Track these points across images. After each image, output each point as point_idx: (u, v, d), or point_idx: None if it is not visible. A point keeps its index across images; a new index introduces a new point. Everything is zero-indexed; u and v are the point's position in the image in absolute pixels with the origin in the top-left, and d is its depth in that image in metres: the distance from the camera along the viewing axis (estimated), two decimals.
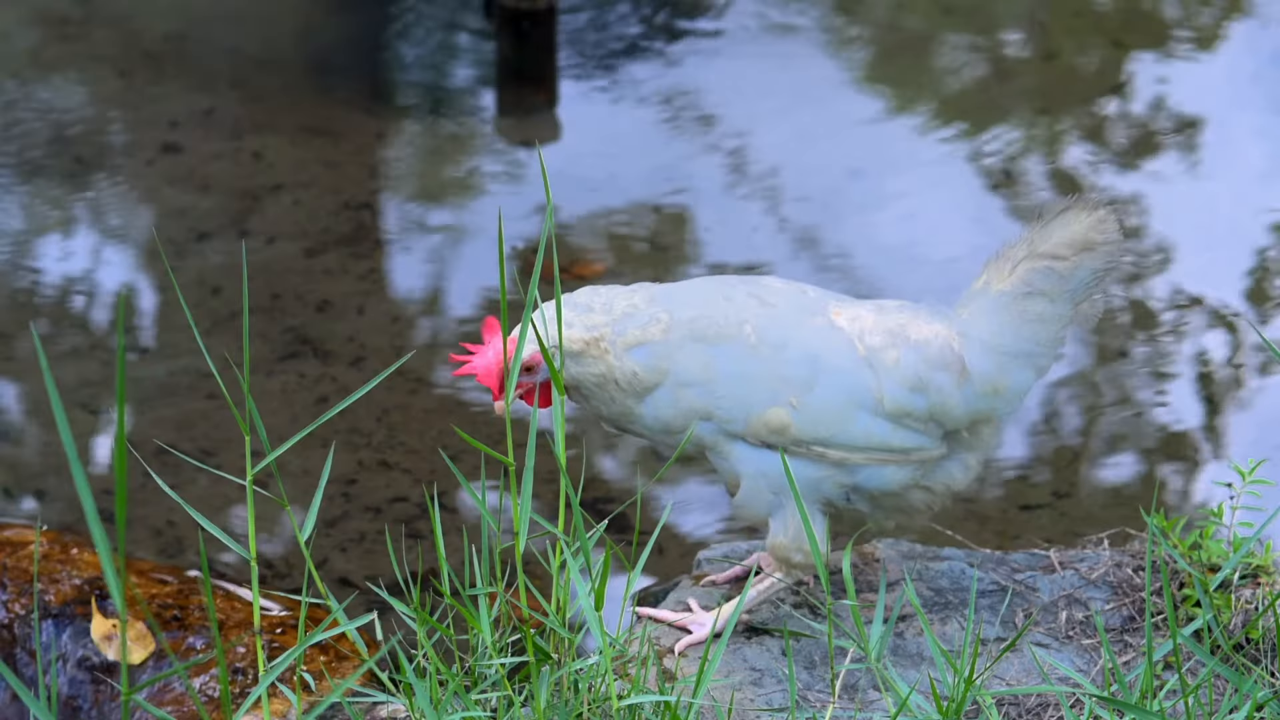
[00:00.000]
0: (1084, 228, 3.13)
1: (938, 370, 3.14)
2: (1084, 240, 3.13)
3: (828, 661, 3.25)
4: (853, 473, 3.16)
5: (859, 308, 3.19)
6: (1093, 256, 3.14)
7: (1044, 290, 3.14)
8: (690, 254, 5.36)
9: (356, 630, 3.02)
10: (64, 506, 4.41)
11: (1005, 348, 3.16)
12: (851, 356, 3.14)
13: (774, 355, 3.12)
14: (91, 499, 2.14)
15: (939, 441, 3.17)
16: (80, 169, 5.65)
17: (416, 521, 4.36)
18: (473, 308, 5.14)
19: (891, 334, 3.15)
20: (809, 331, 3.14)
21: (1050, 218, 3.16)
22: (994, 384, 3.15)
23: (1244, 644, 3.28)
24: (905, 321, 3.17)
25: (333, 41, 6.35)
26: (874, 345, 3.14)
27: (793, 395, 3.12)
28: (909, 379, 3.13)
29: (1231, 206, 5.56)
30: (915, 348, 3.14)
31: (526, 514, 2.87)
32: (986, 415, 3.18)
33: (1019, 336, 3.16)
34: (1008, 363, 3.16)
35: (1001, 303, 3.16)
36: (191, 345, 4.88)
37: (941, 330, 3.16)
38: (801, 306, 3.17)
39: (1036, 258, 3.14)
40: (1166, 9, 6.55)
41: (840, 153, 5.84)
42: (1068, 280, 3.14)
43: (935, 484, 3.20)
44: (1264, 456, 3.41)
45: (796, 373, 3.12)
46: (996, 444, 3.25)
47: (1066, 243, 3.13)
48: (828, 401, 3.13)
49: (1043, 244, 3.14)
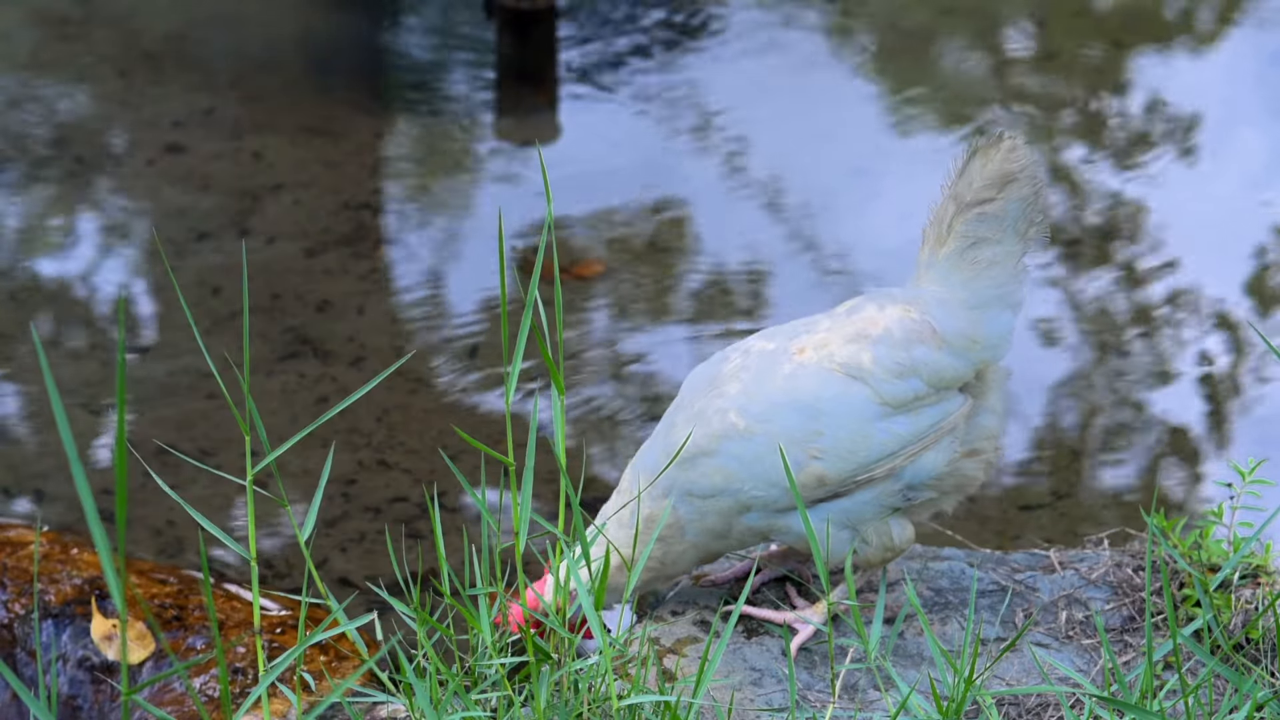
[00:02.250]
0: (998, 163, 3.15)
1: (914, 346, 3.15)
2: (1003, 174, 3.15)
3: (828, 661, 3.25)
4: (899, 477, 3.17)
5: (816, 332, 3.20)
6: (1017, 186, 3.16)
7: (985, 236, 3.16)
8: (689, 254, 5.37)
9: (356, 630, 3.02)
10: (64, 506, 4.41)
11: (970, 301, 3.17)
12: (835, 383, 3.15)
13: (768, 427, 3.14)
14: (91, 499, 2.14)
15: (959, 398, 3.18)
16: (80, 169, 5.65)
17: (416, 521, 4.36)
18: (473, 307, 5.14)
19: (855, 340, 3.16)
20: (785, 386, 3.15)
21: (963, 165, 3.17)
22: (969, 337, 3.17)
23: (1244, 644, 3.28)
24: (860, 322, 3.17)
25: (333, 41, 6.35)
26: (847, 360, 3.15)
27: (809, 449, 3.13)
28: (893, 369, 3.14)
29: (1231, 206, 5.56)
30: (881, 340, 3.15)
31: (526, 514, 2.87)
32: (982, 364, 3.20)
33: (980, 286, 3.18)
34: (978, 314, 3.18)
35: (951, 262, 3.18)
36: (191, 345, 4.89)
37: (896, 311, 3.17)
38: (766, 364, 3.18)
39: (966, 208, 3.16)
40: (1166, 9, 6.55)
41: (840, 152, 5.85)
42: (1003, 219, 3.16)
43: (978, 443, 3.21)
44: (1264, 456, 3.41)
45: (798, 429, 3.14)
46: (1003, 377, 3.25)
47: (987, 183, 3.15)
48: (843, 435, 3.14)
49: (966, 193, 3.15)
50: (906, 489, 3.19)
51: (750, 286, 5.24)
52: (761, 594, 3.41)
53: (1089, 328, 5.07)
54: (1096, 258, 5.31)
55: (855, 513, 3.17)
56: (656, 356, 4.98)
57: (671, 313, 5.15)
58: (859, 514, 3.17)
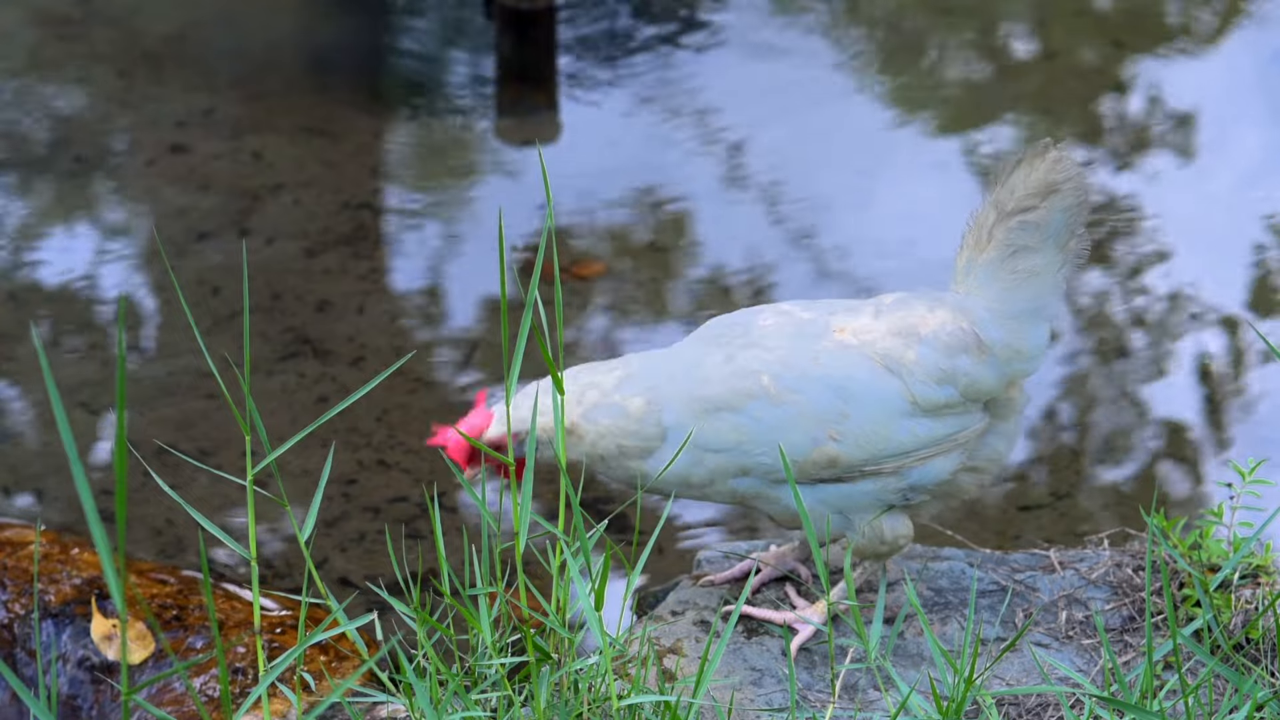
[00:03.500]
0: (1043, 173, 3.15)
1: (958, 355, 3.15)
2: (1046, 184, 3.15)
3: (828, 661, 3.25)
4: (905, 476, 3.17)
5: (860, 316, 3.19)
6: (1060, 197, 3.15)
7: (1026, 245, 3.16)
8: (690, 254, 5.37)
9: (356, 630, 3.02)
10: (64, 506, 4.41)
11: (1011, 311, 3.18)
12: (872, 371, 3.14)
13: (797, 399, 3.13)
14: (91, 499, 2.14)
15: (980, 414, 3.19)
16: (80, 169, 5.65)
17: (416, 521, 4.36)
18: (473, 307, 5.14)
19: (902, 335, 3.15)
20: (822, 362, 3.14)
21: (1008, 174, 3.17)
22: (1013, 348, 3.17)
23: (1244, 644, 3.28)
24: (910, 318, 3.17)
25: (333, 41, 6.35)
26: (888, 352, 3.14)
27: (831, 429, 3.13)
28: (933, 373, 3.14)
29: (1231, 206, 5.56)
30: (928, 341, 3.14)
31: (526, 514, 2.87)
32: (1015, 378, 3.20)
33: (1020, 296, 3.18)
34: (1019, 325, 3.18)
35: (991, 270, 3.17)
36: (191, 345, 4.89)
37: (946, 316, 3.16)
38: (802, 337, 3.16)
39: (1008, 216, 3.15)
40: (1166, 9, 6.55)
41: (840, 152, 5.84)
42: (1044, 228, 3.16)
43: (981, 462, 3.22)
44: (1264, 456, 3.41)
45: (826, 408, 3.13)
46: (1023, 404, 3.25)
47: (1031, 192, 3.15)
48: (866, 423, 3.14)
49: (1009, 201, 3.15)
50: (908, 489, 3.19)
51: (750, 286, 5.24)
52: (761, 594, 3.41)
53: (1089, 328, 5.07)
54: (1096, 257, 5.31)
55: (853, 501, 3.17)
56: None
57: (671, 313, 5.15)
58: (855, 503, 3.18)
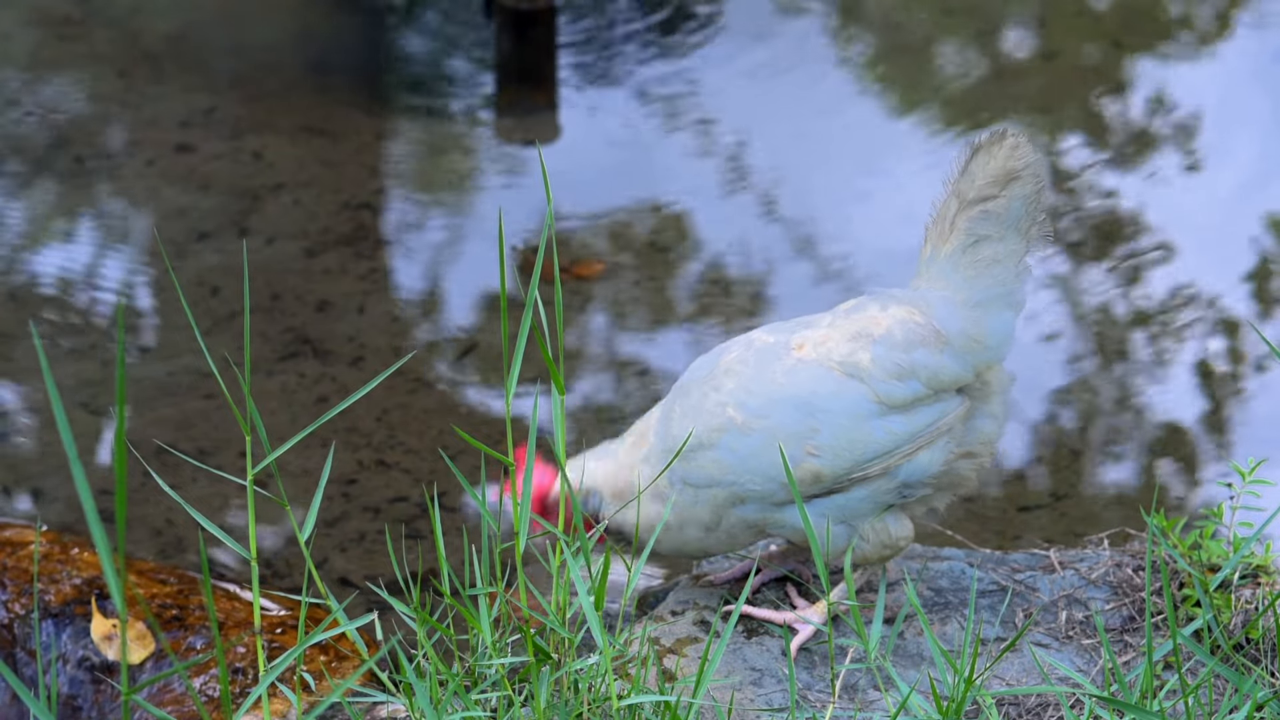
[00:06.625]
0: (1001, 160, 3.15)
1: (915, 349, 3.15)
2: (1006, 171, 3.15)
3: (828, 661, 3.25)
4: (894, 475, 3.17)
5: (816, 329, 3.20)
6: (1020, 184, 3.16)
7: (988, 234, 3.16)
8: (690, 254, 5.37)
9: (356, 630, 3.02)
10: (64, 506, 4.41)
11: (974, 300, 3.18)
12: (833, 380, 3.15)
13: (765, 423, 3.15)
14: (91, 499, 2.14)
15: (956, 400, 3.19)
16: (80, 169, 5.65)
17: (416, 521, 4.36)
18: (473, 307, 5.14)
19: (856, 338, 3.16)
20: (782, 382, 3.16)
21: (965, 162, 3.17)
22: (972, 337, 3.17)
23: (1244, 644, 3.27)
24: (863, 320, 3.18)
25: (333, 41, 6.35)
26: (845, 358, 3.15)
27: (806, 445, 3.14)
28: (892, 371, 3.14)
29: (1231, 206, 5.56)
30: (882, 340, 3.15)
31: (526, 514, 2.87)
32: (981, 367, 3.20)
33: (982, 284, 3.18)
34: (981, 313, 3.18)
35: (953, 261, 3.18)
36: (191, 345, 4.89)
37: (900, 312, 3.17)
38: (764, 362, 3.18)
39: (969, 205, 3.16)
40: (1166, 9, 6.55)
41: (840, 153, 5.84)
42: (1005, 216, 3.16)
43: (974, 446, 3.22)
44: (1264, 456, 3.41)
45: (796, 427, 3.15)
46: (1006, 384, 3.25)
47: (990, 180, 3.15)
48: (839, 433, 3.15)
49: (969, 190, 3.15)
50: (902, 486, 3.19)
51: (750, 286, 5.24)
52: (761, 594, 3.41)
53: (1089, 328, 5.07)
54: (1096, 257, 5.31)
55: (851, 509, 3.18)
56: (656, 356, 4.98)
57: (671, 313, 5.15)
58: (855, 510, 3.18)
